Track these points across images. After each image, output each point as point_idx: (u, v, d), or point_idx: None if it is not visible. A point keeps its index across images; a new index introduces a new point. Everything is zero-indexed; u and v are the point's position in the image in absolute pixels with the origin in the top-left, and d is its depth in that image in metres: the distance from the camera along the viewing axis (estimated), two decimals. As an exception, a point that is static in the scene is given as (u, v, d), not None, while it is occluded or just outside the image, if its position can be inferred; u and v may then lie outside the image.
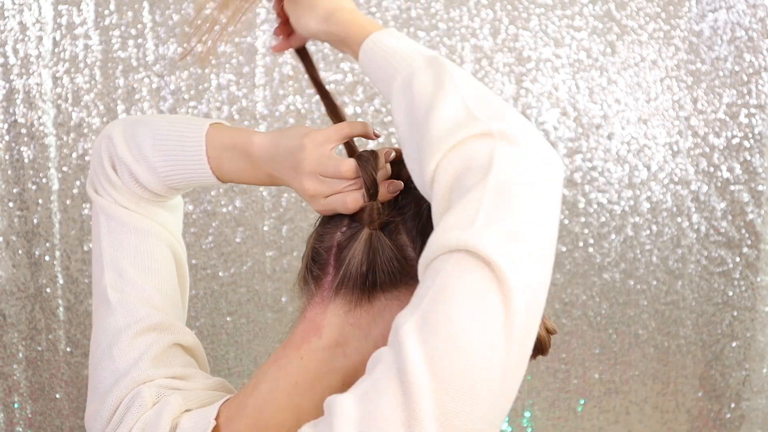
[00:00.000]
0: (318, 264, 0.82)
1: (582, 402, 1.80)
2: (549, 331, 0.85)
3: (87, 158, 1.59)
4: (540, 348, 0.84)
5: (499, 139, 0.67)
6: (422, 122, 0.71)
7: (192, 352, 0.92)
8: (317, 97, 1.65)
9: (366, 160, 0.81)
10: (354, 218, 0.81)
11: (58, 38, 1.57)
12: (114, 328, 0.89)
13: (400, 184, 0.81)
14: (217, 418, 0.80)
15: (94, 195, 0.94)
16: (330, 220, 0.84)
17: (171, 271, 0.94)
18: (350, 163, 0.81)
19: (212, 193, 1.62)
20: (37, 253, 1.59)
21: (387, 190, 0.81)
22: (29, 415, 1.63)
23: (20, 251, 1.59)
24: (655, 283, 1.78)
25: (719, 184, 1.77)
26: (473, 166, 0.66)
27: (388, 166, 0.83)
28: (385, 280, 0.79)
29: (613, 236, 1.75)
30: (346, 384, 0.78)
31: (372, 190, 0.80)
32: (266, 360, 0.83)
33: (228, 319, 1.65)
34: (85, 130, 1.59)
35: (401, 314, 0.66)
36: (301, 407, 0.77)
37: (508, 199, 0.65)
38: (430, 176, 0.69)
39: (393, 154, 0.83)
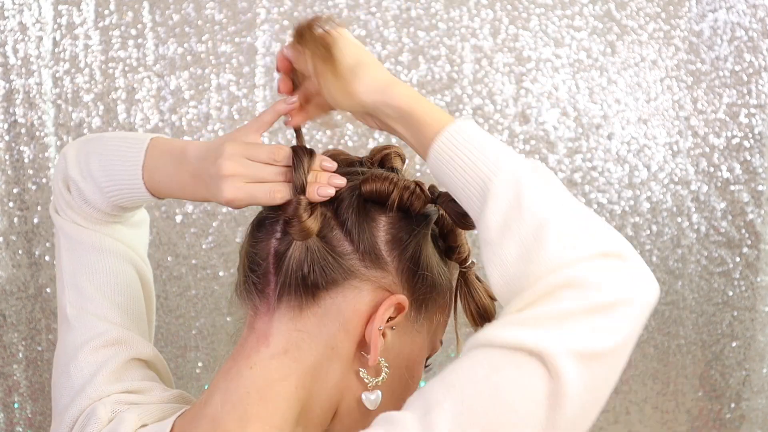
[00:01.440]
0: (257, 273, 0.81)
1: (582, 402, 1.80)
2: (492, 298, 0.86)
3: (87, 158, 1.59)
4: (486, 316, 0.85)
5: (614, 259, 0.67)
6: (535, 228, 0.68)
7: (153, 366, 0.92)
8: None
9: (301, 155, 0.80)
10: (287, 225, 0.80)
11: (58, 38, 1.57)
12: (72, 345, 0.90)
13: (332, 190, 0.79)
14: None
15: (55, 215, 0.95)
16: (261, 227, 0.83)
17: (132, 285, 0.94)
18: (287, 151, 0.80)
19: (212, 193, 1.62)
20: (37, 253, 1.59)
21: (316, 192, 0.79)
22: (29, 415, 1.63)
23: (20, 251, 1.59)
24: (655, 283, 1.78)
25: (719, 184, 1.77)
26: (582, 284, 0.66)
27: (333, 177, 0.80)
28: (325, 279, 0.79)
29: (613, 236, 1.75)
30: (299, 388, 0.78)
31: (300, 185, 0.79)
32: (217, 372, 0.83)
33: (228, 319, 1.65)
34: (85, 130, 1.59)
35: (435, 387, 0.65)
36: (255, 416, 0.77)
37: (605, 321, 0.65)
38: (534, 277, 0.67)
39: (333, 165, 0.81)
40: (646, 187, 1.75)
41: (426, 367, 0.87)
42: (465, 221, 0.81)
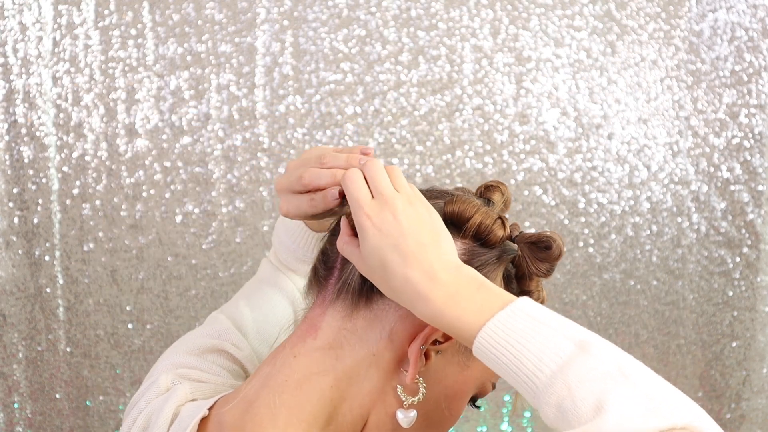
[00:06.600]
0: (325, 265, 0.84)
1: (582, 402, 1.80)
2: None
3: (87, 158, 1.59)
4: None
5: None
6: (595, 404, 0.65)
7: (242, 367, 0.96)
8: (317, 97, 1.65)
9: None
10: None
11: (58, 38, 1.57)
12: (194, 332, 0.97)
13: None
14: (211, 408, 0.82)
15: (264, 259, 1.06)
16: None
17: (279, 316, 0.99)
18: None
19: (212, 193, 1.62)
20: (37, 253, 1.59)
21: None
22: (29, 415, 1.63)
23: (20, 251, 1.59)
24: (655, 283, 1.78)
25: (719, 184, 1.77)
26: None
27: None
28: None
29: (613, 236, 1.75)
30: (335, 387, 0.79)
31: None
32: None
33: (228, 319, 1.65)
34: (85, 130, 1.59)
35: None
36: (286, 405, 0.78)
37: None
38: None
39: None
40: (646, 187, 1.75)
41: (476, 407, 0.85)
42: (542, 269, 0.80)
